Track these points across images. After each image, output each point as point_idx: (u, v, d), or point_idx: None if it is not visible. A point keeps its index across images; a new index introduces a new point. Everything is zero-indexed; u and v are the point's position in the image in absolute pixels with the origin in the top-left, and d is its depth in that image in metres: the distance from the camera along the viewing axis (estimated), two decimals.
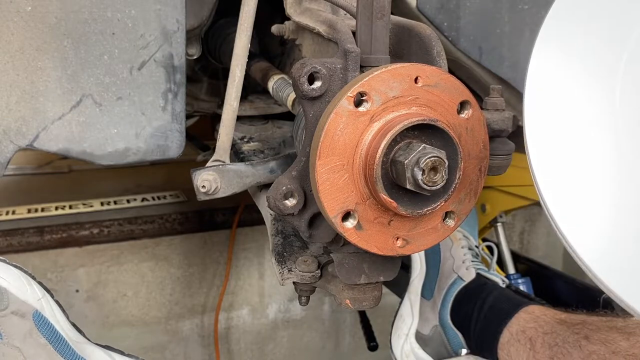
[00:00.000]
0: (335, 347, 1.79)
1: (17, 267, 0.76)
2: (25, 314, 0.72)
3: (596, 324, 0.91)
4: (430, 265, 1.20)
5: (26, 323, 0.71)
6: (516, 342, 0.98)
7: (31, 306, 0.73)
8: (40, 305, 0.74)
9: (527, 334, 0.97)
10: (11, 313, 0.71)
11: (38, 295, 0.75)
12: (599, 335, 0.88)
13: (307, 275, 0.73)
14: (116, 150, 0.77)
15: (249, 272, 1.66)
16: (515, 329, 1.00)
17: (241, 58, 0.74)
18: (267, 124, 1.05)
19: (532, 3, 0.90)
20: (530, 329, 0.97)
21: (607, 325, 0.90)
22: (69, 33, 0.72)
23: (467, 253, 1.21)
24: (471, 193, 0.60)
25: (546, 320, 0.97)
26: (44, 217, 1.53)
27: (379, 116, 0.54)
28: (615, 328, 0.88)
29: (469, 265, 1.18)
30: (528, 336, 0.97)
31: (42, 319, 0.73)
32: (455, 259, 1.20)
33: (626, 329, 0.87)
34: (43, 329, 0.72)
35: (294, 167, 0.61)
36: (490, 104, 0.65)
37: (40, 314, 0.73)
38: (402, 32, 0.66)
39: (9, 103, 0.72)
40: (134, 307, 1.56)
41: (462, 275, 1.16)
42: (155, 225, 1.54)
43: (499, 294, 1.10)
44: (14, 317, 0.71)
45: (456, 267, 1.18)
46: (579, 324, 0.93)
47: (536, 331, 0.96)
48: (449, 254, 1.21)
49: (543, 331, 0.95)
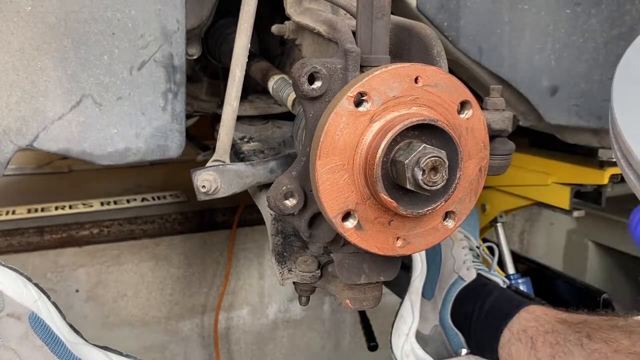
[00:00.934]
0: (335, 347, 1.79)
1: (13, 269, 0.76)
2: (21, 316, 0.72)
3: (597, 323, 0.91)
4: (431, 265, 1.20)
5: (22, 325, 0.71)
6: (517, 341, 0.98)
7: (27, 308, 0.73)
8: (36, 307, 0.74)
9: (528, 333, 0.97)
10: (7, 315, 0.71)
11: (34, 297, 0.74)
12: (600, 334, 0.88)
13: (307, 275, 0.73)
14: (116, 150, 0.77)
15: (249, 272, 1.66)
16: (516, 328, 1.00)
17: (241, 58, 0.74)
18: (267, 124, 1.05)
19: (532, 3, 0.90)
20: (531, 328, 0.97)
21: (608, 324, 0.90)
22: (69, 33, 0.71)
23: (468, 253, 1.21)
24: (471, 193, 0.60)
25: (547, 320, 0.97)
26: (44, 217, 1.53)
27: (379, 116, 0.54)
28: (616, 327, 0.88)
29: (470, 265, 1.18)
30: (529, 335, 0.97)
31: (39, 321, 0.72)
32: (456, 259, 1.20)
33: (627, 328, 0.87)
34: (39, 330, 0.72)
35: (294, 167, 0.61)
36: (490, 104, 0.66)
37: (36, 316, 0.73)
38: (402, 32, 0.66)
39: (9, 103, 0.71)
40: (134, 307, 1.56)
41: (463, 276, 1.16)
42: (155, 225, 1.54)
43: (500, 294, 1.10)
44: (10, 320, 0.71)
45: (457, 268, 1.18)
46: (581, 323, 0.93)
47: (537, 330, 0.96)
48: (450, 254, 1.21)
49: (544, 330, 0.95)
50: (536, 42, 0.92)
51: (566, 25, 0.92)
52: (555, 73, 0.94)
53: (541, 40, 0.92)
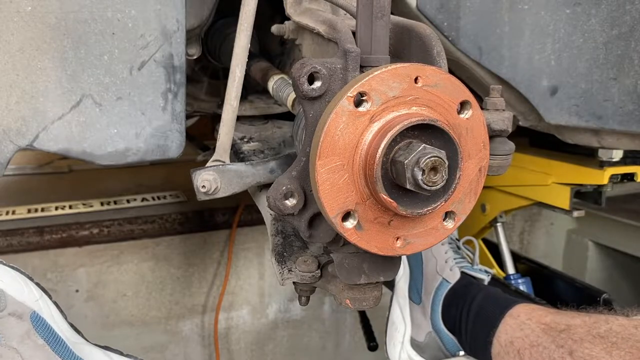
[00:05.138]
0: (335, 347, 1.79)
1: (15, 269, 0.76)
2: (23, 315, 0.72)
3: (579, 333, 0.92)
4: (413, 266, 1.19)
5: (24, 324, 0.71)
6: (505, 354, 1.00)
7: (29, 307, 0.73)
8: (37, 306, 0.74)
9: (515, 345, 0.98)
10: (8, 314, 0.71)
11: (35, 296, 0.74)
12: (582, 350, 0.89)
13: (307, 275, 0.73)
14: (116, 150, 0.77)
15: (249, 272, 1.66)
16: (504, 340, 1.01)
17: (241, 58, 0.74)
18: (267, 124, 1.05)
19: (532, 3, 0.90)
20: (517, 340, 0.99)
21: (590, 333, 0.90)
22: (69, 33, 0.71)
23: (448, 250, 1.19)
24: (471, 193, 0.60)
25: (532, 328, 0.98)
26: (44, 217, 1.53)
27: (379, 116, 0.54)
28: (598, 337, 0.89)
29: (453, 265, 1.17)
30: (516, 348, 0.98)
31: (40, 320, 0.72)
32: (437, 259, 1.18)
33: (609, 338, 0.88)
34: (41, 330, 0.72)
35: (294, 167, 0.61)
36: (490, 104, 0.65)
37: (37, 315, 0.73)
38: (402, 32, 0.66)
39: (9, 103, 0.72)
40: (134, 307, 1.56)
41: (447, 277, 1.15)
42: (155, 225, 1.54)
43: (485, 296, 1.10)
44: (12, 319, 0.71)
45: (440, 269, 1.17)
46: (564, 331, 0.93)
47: (523, 342, 0.97)
48: (430, 254, 1.19)
49: (530, 343, 0.96)
50: (536, 42, 0.92)
51: (566, 25, 0.92)
52: (555, 73, 0.94)
53: (541, 40, 0.92)
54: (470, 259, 1.25)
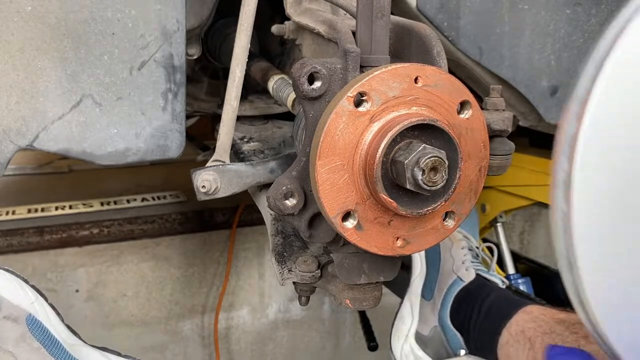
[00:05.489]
0: (335, 347, 1.79)
1: (9, 271, 0.75)
2: (18, 318, 0.71)
3: None
4: (430, 265, 1.20)
5: (19, 327, 0.70)
6: (515, 342, 0.98)
7: (24, 310, 0.72)
8: (33, 309, 0.73)
9: (526, 334, 0.97)
10: (4, 318, 0.70)
11: (31, 299, 0.74)
12: None
13: (307, 275, 0.73)
14: (116, 150, 0.77)
15: (249, 272, 1.66)
16: (515, 330, 1.00)
17: (241, 58, 0.74)
18: (267, 124, 1.05)
19: (532, 3, 0.90)
20: (529, 329, 0.97)
21: None
22: (69, 33, 0.71)
23: (467, 254, 1.21)
24: (471, 193, 0.60)
25: (545, 320, 0.97)
26: (44, 217, 1.53)
27: (379, 116, 0.54)
28: None
29: (469, 265, 1.18)
30: (527, 336, 0.97)
31: (36, 323, 0.72)
32: (455, 259, 1.19)
33: None
34: (36, 332, 0.71)
35: (294, 167, 0.61)
36: (490, 104, 0.65)
37: (33, 318, 0.72)
38: (402, 32, 0.66)
39: (9, 103, 0.72)
40: (134, 307, 1.56)
41: (462, 276, 1.16)
42: (155, 225, 1.54)
43: (498, 295, 1.10)
44: (7, 322, 0.70)
45: (456, 268, 1.18)
46: (578, 323, 0.93)
47: (535, 331, 0.96)
48: (448, 254, 1.20)
49: (542, 331, 0.95)
50: (536, 42, 0.92)
51: (566, 25, 0.92)
52: (555, 73, 0.94)
53: (541, 40, 0.92)
54: (487, 265, 1.26)
